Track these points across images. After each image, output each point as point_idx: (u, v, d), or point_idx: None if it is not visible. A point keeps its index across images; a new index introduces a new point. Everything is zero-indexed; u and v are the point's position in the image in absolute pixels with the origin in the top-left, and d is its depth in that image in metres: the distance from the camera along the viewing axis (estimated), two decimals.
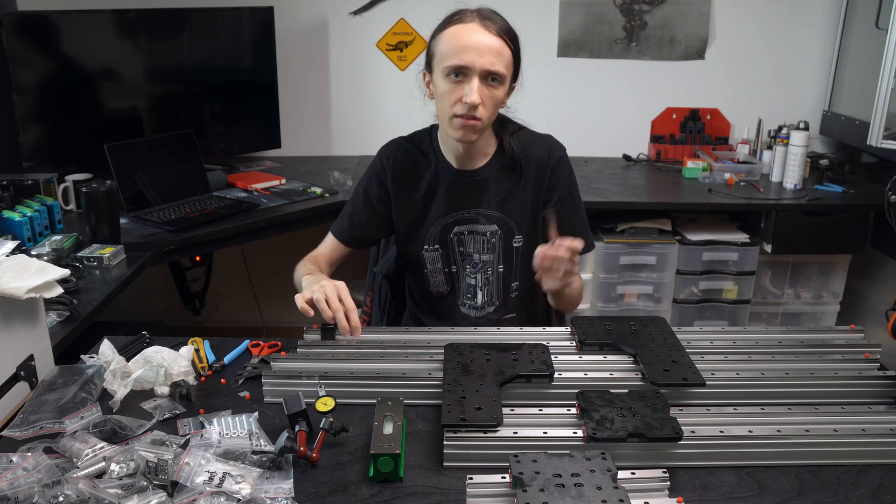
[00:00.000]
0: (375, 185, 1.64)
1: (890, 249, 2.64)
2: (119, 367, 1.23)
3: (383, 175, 1.63)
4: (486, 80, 1.42)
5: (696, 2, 3.00)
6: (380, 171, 1.64)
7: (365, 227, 1.66)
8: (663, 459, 1.03)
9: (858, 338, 1.36)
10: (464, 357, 1.22)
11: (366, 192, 1.65)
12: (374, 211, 1.65)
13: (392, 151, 1.64)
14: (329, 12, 3.04)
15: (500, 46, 1.42)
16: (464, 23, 1.43)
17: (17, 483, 0.94)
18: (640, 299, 2.77)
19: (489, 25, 1.42)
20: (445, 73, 1.43)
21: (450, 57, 1.42)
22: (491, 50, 1.40)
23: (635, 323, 1.35)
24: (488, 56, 1.40)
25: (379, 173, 1.64)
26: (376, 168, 1.65)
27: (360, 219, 1.65)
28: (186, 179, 2.50)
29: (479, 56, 1.40)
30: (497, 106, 1.48)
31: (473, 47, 1.40)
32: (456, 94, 1.43)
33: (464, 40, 1.41)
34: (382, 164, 1.64)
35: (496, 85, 1.43)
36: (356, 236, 1.67)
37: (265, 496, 0.95)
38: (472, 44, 1.40)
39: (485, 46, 1.40)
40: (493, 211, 1.60)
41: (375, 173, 1.65)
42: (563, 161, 1.61)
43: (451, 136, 1.49)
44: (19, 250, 1.60)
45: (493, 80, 1.42)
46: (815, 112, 3.08)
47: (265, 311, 3.36)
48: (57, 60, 2.51)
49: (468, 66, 1.40)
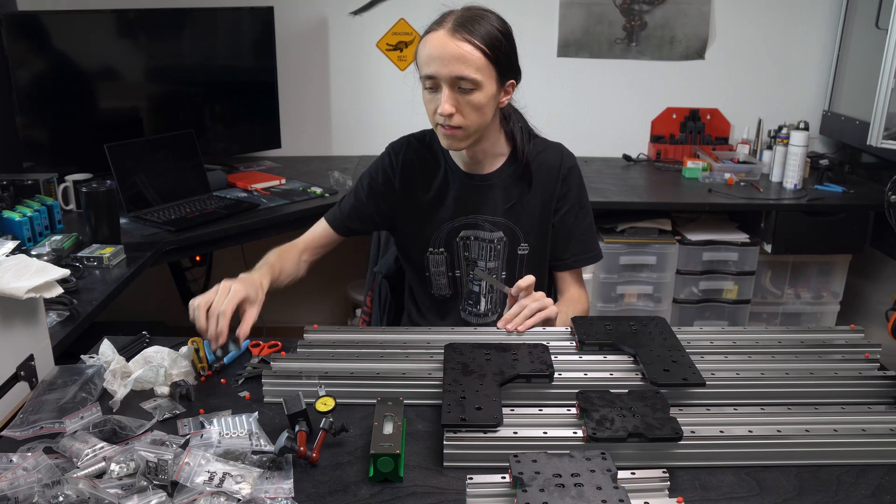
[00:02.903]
0: (382, 180, 1.63)
1: (890, 249, 2.64)
2: (119, 367, 1.23)
3: (391, 172, 1.62)
4: (457, 87, 1.40)
5: (696, 2, 3.00)
6: (388, 167, 1.62)
7: (364, 218, 1.65)
8: (663, 459, 1.03)
9: (858, 338, 1.35)
10: (464, 357, 1.22)
11: (370, 186, 1.64)
12: (376, 205, 1.64)
13: (402, 149, 1.63)
14: (329, 12, 3.04)
15: (468, 51, 1.37)
16: (435, 30, 1.41)
17: (17, 483, 0.93)
18: (640, 299, 2.77)
19: (458, 32, 1.38)
20: (423, 83, 1.44)
21: (423, 67, 1.42)
22: (454, 57, 1.37)
23: (635, 323, 1.35)
24: (452, 64, 1.37)
25: (387, 170, 1.63)
26: (385, 164, 1.63)
27: (361, 210, 1.64)
28: (186, 179, 2.50)
29: (443, 65, 1.38)
30: (480, 111, 1.43)
31: (437, 56, 1.38)
32: (433, 104, 1.42)
33: (430, 50, 1.40)
34: (391, 160, 1.62)
35: (470, 91, 1.39)
36: (352, 227, 1.66)
37: (265, 496, 0.94)
38: (435, 53, 1.38)
39: (448, 55, 1.37)
40: (499, 217, 1.59)
41: (383, 169, 1.63)
42: (573, 171, 1.61)
43: (441, 143, 1.49)
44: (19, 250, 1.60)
45: (464, 86, 1.39)
46: (815, 112, 3.08)
47: (265, 311, 3.33)
48: (57, 60, 2.51)
49: (435, 75, 1.39)
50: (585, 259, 1.64)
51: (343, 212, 1.66)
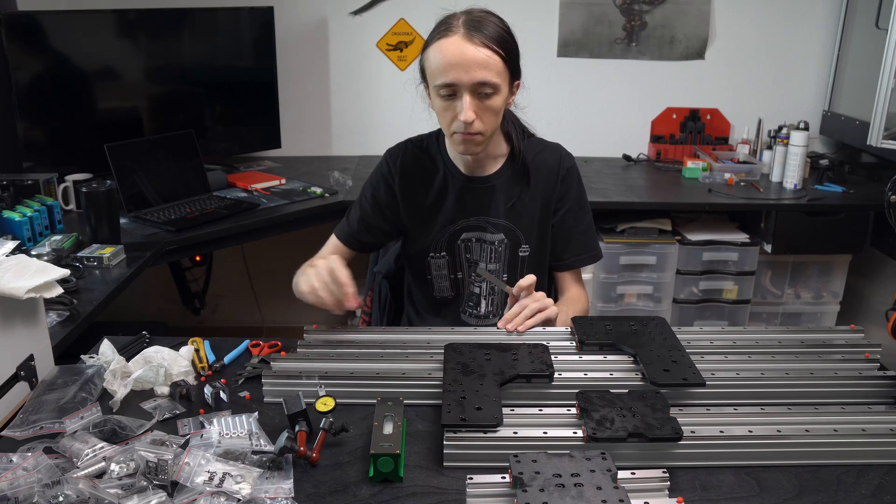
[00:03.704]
0: (384, 190, 1.61)
1: (890, 249, 2.64)
2: (119, 367, 1.23)
3: (391, 180, 1.61)
4: (477, 93, 1.39)
5: (696, 2, 3.00)
6: (387, 175, 1.61)
7: (375, 231, 1.64)
8: (663, 459, 1.03)
9: (858, 338, 1.35)
10: (464, 357, 1.22)
11: (374, 197, 1.62)
12: (383, 216, 1.62)
13: (399, 155, 1.61)
14: (329, 12, 3.04)
15: (487, 56, 1.37)
16: (448, 36, 1.38)
17: (17, 483, 0.94)
18: (640, 299, 2.77)
19: (473, 36, 1.37)
20: (437, 91, 1.41)
21: (438, 75, 1.39)
22: (477, 63, 1.36)
23: (635, 323, 1.35)
24: (475, 70, 1.36)
25: (387, 178, 1.61)
26: (383, 172, 1.62)
27: (369, 223, 1.63)
28: (186, 179, 2.51)
29: (466, 72, 1.36)
30: (497, 114, 1.44)
31: (458, 63, 1.36)
32: (451, 111, 1.41)
33: (448, 57, 1.37)
34: (390, 168, 1.61)
35: (490, 95, 1.39)
36: (363, 240, 1.65)
37: (265, 496, 0.95)
38: (456, 60, 1.36)
39: (469, 61, 1.36)
40: (500, 219, 1.59)
41: (383, 177, 1.62)
42: (572, 171, 1.60)
43: (456, 150, 1.49)
44: (19, 250, 1.60)
45: (485, 91, 1.39)
46: (815, 112, 3.08)
47: (265, 311, 3.36)
48: (57, 60, 2.51)
49: (456, 83, 1.37)
50: (585, 259, 1.64)
51: (352, 226, 1.64)
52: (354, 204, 1.67)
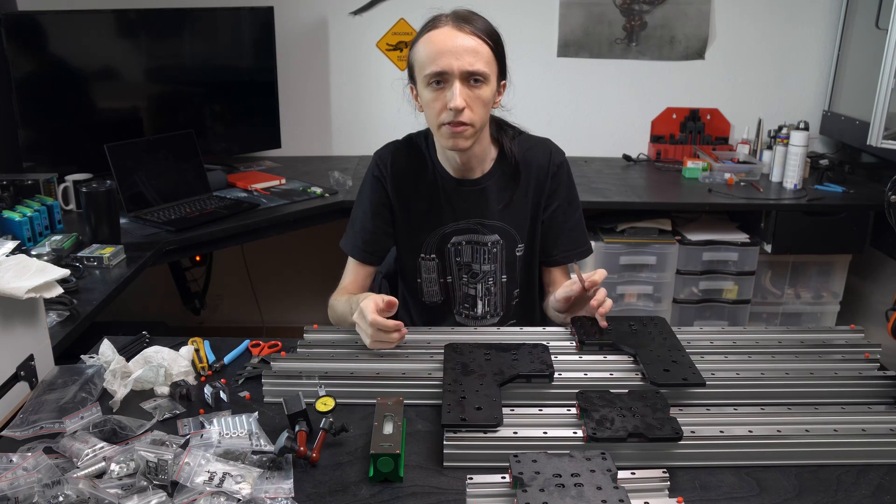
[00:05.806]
0: (379, 193, 1.59)
1: (890, 249, 2.64)
2: (119, 367, 1.23)
3: (384, 182, 1.59)
4: (467, 81, 1.39)
5: (696, 2, 3.00)
6: (379, 177, 1.59)
7: (381, 239, 1.61)
8: (663, 459, 1.03)
9: (858, 338, 1.36)
10: (464, 357, 1.22)
11: (371, 202, 1.60)
12: (383, 220, 1.60)
13: (389, 156, 1.59)
14: (329, 12, 3.04)
15: (477, 45, 1.39)
16: (437, 28, 1.40)
17: (17, 483, 0.94)
18: (640, 299, 2.77)
19: (463, 26, 1.39)
20: (426, 81, 1.41)
21: (427, 65, 1.39)
22: (467, 50, 1.37)
23: (635, 323, 1.35)
24: (465, 57, 1.37)
25: (380, 180, 1.59)
26: (375, 175, 1.60)
27: (373, 232, 1.60)
28: (186, 179, 2.50)
29: (456, 58, 1.37)
30: (486, 106, 1.44)
31: (448, 51, 1.37)
32: (440, 101, 1.40)
33: (438, 45, 1.38)
34: (381, 170, 1.59)
35: (480, 85, 1.40)
36: (377, 252, 1.62)
37: (265, 496, 0.95)
38: (446, 48, 1.37)
39: (460, 48, 1.37)
40: (494, 221, 1.58)
41: (376, 180, 1.60)
42: (562, 167, 1.60)
43: (444, 145, 1.47)
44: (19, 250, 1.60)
45: (475, 80, 1.39)
46: (815, 112, 3.08)
47: (265, 311, 3.36)
48: (57, 60, 2.51)
49: (446, 70, 1.37)
50: (575, 255, 1.63)
51: (361, 243, 1.60)
52: (353, 217, 1.64)
